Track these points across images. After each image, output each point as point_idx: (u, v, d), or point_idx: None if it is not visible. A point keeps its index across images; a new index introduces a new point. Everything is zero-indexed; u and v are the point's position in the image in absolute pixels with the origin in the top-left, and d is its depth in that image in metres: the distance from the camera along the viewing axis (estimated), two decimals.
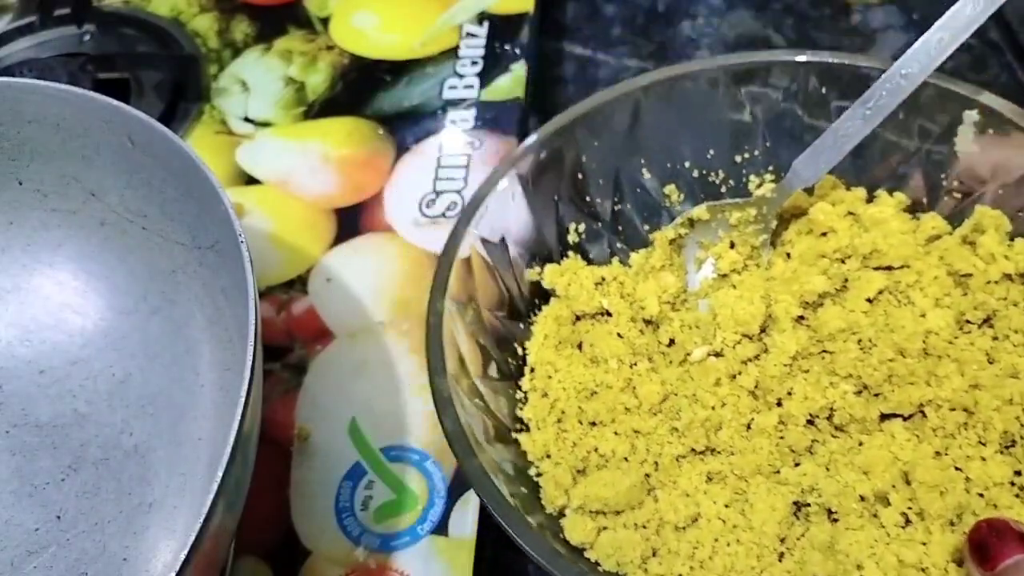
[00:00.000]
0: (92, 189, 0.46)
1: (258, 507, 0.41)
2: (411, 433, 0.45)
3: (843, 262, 0.40)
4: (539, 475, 0.38)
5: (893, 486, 0.35)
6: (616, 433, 0.38)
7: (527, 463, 0.38)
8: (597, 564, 0.34)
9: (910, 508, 0.34)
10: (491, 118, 0.58)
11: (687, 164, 0.44)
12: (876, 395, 0.36)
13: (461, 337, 0.38)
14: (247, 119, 0.60)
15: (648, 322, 0.40)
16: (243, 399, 0.34)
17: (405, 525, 0.43)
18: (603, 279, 0.42)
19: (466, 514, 0.43)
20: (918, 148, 0.41)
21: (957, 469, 0.34)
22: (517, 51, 0.62)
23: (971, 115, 0.39)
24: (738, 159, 0.44)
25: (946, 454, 0.35)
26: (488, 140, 0.57)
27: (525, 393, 0.40)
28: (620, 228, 0.43)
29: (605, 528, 0.36)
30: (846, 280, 0.39)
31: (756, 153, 0.44)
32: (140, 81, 0.61)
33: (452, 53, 0.62)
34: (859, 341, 0.37)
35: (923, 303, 0.37)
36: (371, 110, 0.60)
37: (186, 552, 0.31)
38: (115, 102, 0.43)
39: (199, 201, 0.41)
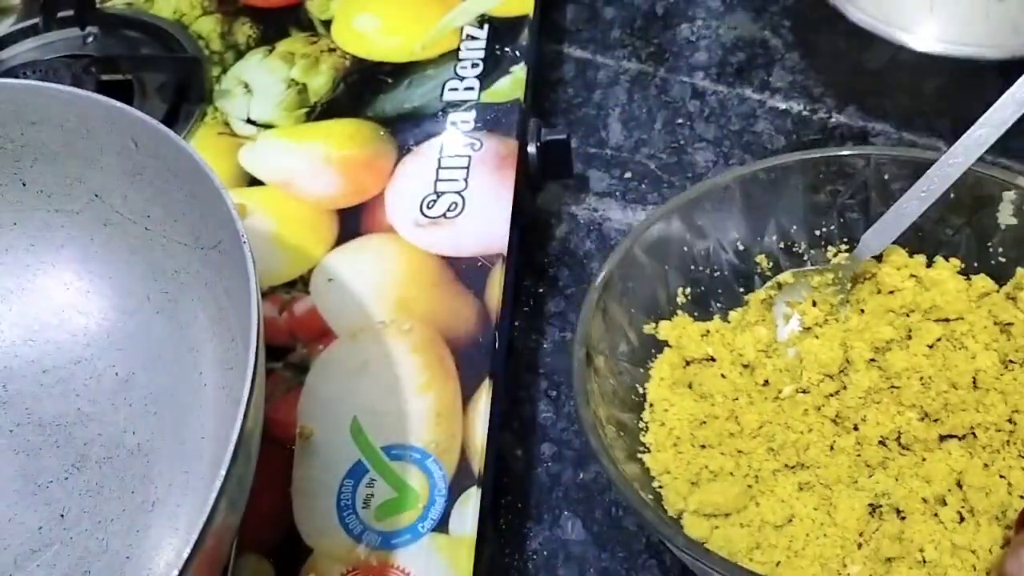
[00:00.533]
0: (96, 190, 0.46)
1: (260, 505, 0.42)
2: (412, 432, 0.46)
3: (907, 315, 0.47)
4: (660, 487, 0.44)
5: (949, 490, 0.42)
6: (722, 453, 0.45)
7: (650, 478, 0.45)
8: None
9: (963, 507, 0.41)
10: (491, 120, 0.58)
11: (774, 238, 0.51)
12: (935, 420, 0.44)
13: (596, 376, 0.45)
14: (250, 121, 0.61)
15: (746, 366, 0.48)
16: (246, 398, 0.34)
17: (406, 523, 0.43)
18: (708, 332, 0.49)
19: (466, 512, 0.43)
20: (967, 221, 0.48)
21: (1001, 477, 0.42)
22: (517, 53, 0.62)
23: (1009, 195, 0.47)
24: (817, 232, 0.51)
25: (992, 465, 0.42)
26: (488, 141, 0.57)
27: (646, 423, 0.47)
28: (719, 291, 0.51)
29: (718, 527, 0.43)
30: (910, 330, 0.46)
31: (832, 228, 0.51)
32: (143, 83, 0.62)
33: (453, 55, 0.62)
34: (921, 378, 0.45)
35: (974, 347, 0.45)
36: (372, 112, 0.60)
37: (189, 550, 0.31)
38: (119, 104, 0.43)
39: (202, 202, 0.41)
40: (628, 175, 0.64)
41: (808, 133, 0.64)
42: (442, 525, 0.43)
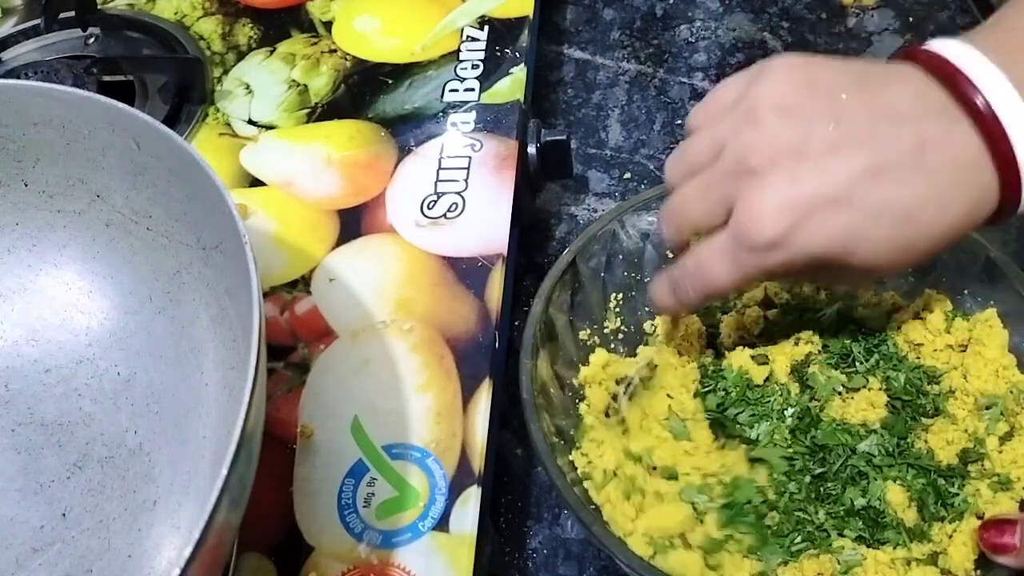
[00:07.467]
0: (98, 190, 0.46)
1: (262, 504, 0.42)
2: (413, 431, 0.46)
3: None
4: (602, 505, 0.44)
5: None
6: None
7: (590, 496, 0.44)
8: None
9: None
10: (491, 120, 0.58)
11: None
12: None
13: (538, 384, 0.46)
14: (251, 121, 0.61)
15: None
16: (247, 397, 0.34)
17: (407, 522, 0.43)
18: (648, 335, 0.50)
19: (467, 511, 0.44)
20: None
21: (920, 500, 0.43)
22: (517, 54, 0.62)
23: None
24: None
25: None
26: (488, 142, 0.57)
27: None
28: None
29: (662, 550, 0.43)
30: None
31: None
32: (145, 84, 0.62)
33: (453, 56, 0.62)
34: (839, 393, 0.46)
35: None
36: (373, 113, 0.60)
37: (190, 549, 0.31)
38: (120, 105, 0.43)
39: (204, 202, 0.41)
40: (627, 176, 0.64)
41: None
42: (442, 524, 0.43)
